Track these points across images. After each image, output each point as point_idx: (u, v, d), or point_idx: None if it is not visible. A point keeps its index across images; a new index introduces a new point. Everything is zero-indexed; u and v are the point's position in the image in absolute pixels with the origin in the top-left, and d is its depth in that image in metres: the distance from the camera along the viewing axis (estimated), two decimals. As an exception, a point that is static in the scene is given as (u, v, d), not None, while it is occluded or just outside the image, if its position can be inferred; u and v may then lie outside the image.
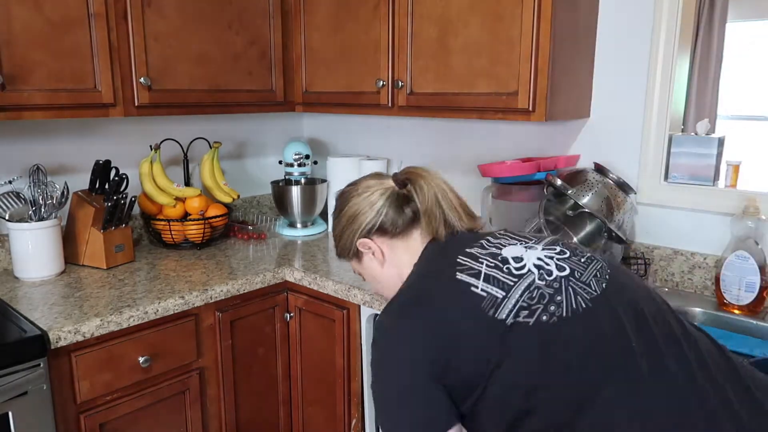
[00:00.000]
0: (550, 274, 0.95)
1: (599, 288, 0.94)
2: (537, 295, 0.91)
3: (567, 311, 0.90)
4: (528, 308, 0.90)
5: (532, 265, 0.97)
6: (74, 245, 1.86)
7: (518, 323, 0.89)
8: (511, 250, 1.00)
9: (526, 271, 0.95)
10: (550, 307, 0.90)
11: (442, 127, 2.21)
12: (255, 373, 1.85)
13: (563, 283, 0.93)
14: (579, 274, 0.96)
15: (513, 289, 0.92)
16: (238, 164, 2.47)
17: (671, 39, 1.65)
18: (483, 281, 0.94)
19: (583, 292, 0.93)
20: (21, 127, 1.87)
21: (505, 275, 0.95)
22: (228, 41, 1.97)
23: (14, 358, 1.30)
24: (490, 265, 0.97)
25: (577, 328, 0.89)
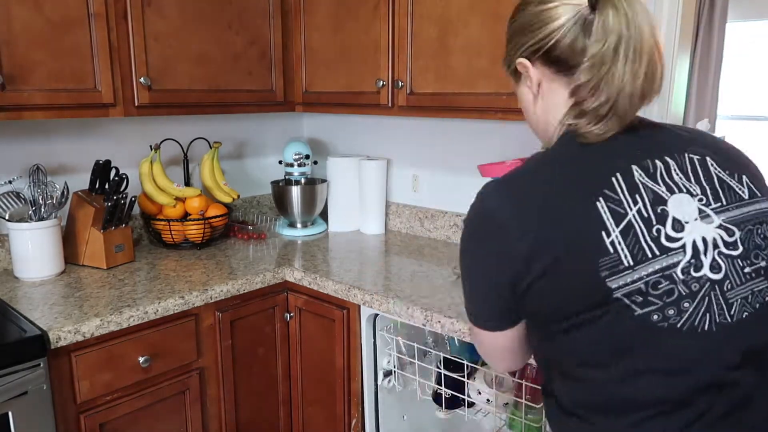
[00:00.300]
0: (698, 268, 0.75)
1: (738, 315, 0.76)
2: (664, 289, 0.74)
3: (684, 323, 0.74)
4: (644, 296, 0.74)
5: (691, 243, 0.76)
6: (74, 245, 1.86)
7: (624, 303, 0.74)
8: (682, 206, 0.78)
9: (677, 248, 0.75)
10: (669, 310, 0.74)
11: (442, 127, 2.21)
12: (255, 373, 1.85)
13: (705, 289, 0.75)
14: (730, 287, 0.76)
15: (646, 263, 0.74)
16: (238, 164, 2.47)
17: (671, 39, 1.65)
18: (620, 232, 0.75)
19: (717, 311, 0.75)
20: (21, 127, 1.87)
21: (649, 240, 0.75)
22: (228, 41, 1.97)
23: (14, 358, 1.30)
24: (643, 215, 0.76)
25: (683, 346, 0.75)
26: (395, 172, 2.38)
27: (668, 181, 0.79)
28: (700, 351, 0.75)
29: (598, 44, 0.79)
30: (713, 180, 0.81)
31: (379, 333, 1.73)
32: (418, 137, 2.29)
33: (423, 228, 2.29)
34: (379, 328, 1.73)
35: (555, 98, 0.88)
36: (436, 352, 1.67)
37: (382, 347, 1.74)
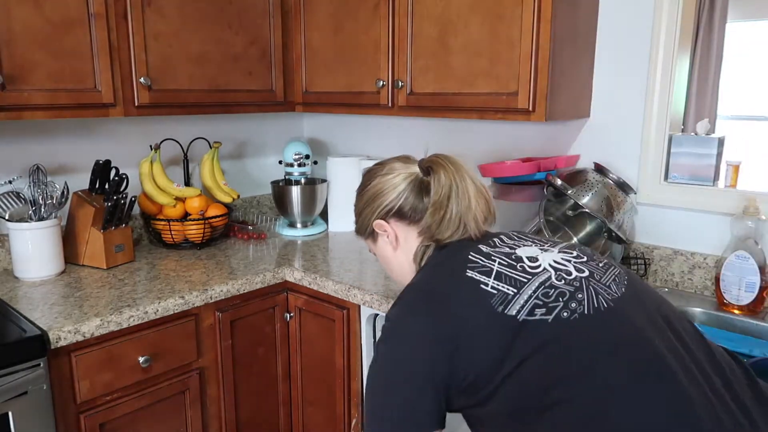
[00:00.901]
0: (569, 273, 0.94)
1: (619, 291, 0.93)
2: (555, 294, 0.90)
3: (589, 309, 0.88)
4: (545, 306, 0.88)
5: (547, 264, 0.95)
6: (74, 245, 1.86)
7: (533, 321, 0.87)
8: (526, 251, 0.99)
9: (541, 270, 0.94)
10: (571, 304, 0.88)
11: (442, 127, 2.21)
12: (255, 373, 1.85)
13: (584, 282, 0.92)
14: (599, 276, 0.95)
15: (525, 285, 0.91)
16: (238, 164, 2.47)
17: (671, 39, 1.65)
18: (494, 279, 0.92)
19: (605, 293, 0.91)
20: (21, 127, 1.87)
21: (517, 273, 0.93)
22: (228, 41, 1.97)
23: (14, 358, 1.30)
24: (503, 263, 0.95)
25: (600, 325, 0.87)
26: (395, 172, 2.38)
27: (508, 243, 1.02)
28: (617, 323, 0.88)
29: (436, 195, 1.05)
30: (533, 238, 1.07)
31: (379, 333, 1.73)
32: (418, 137, 2.29)
33: (423, 228, 2.29)
34: (379, 328, 1.73)
35: (410, 243, 1.11)
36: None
37: (382, 347, 1.74)
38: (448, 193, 1.04)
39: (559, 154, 1.91)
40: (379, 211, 1.12)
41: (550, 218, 1.77)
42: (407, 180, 1.10)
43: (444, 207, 1.04)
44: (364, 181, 1.17)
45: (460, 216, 1.04)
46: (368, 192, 1.14)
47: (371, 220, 1.13)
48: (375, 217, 1.13)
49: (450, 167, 1.07)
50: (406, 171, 1.11)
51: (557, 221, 1.80)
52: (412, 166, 1.13)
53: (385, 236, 1.13)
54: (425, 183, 1.09)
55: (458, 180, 1.05)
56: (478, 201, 1.06)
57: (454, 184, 1.05)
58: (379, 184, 1.12)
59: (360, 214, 1.17)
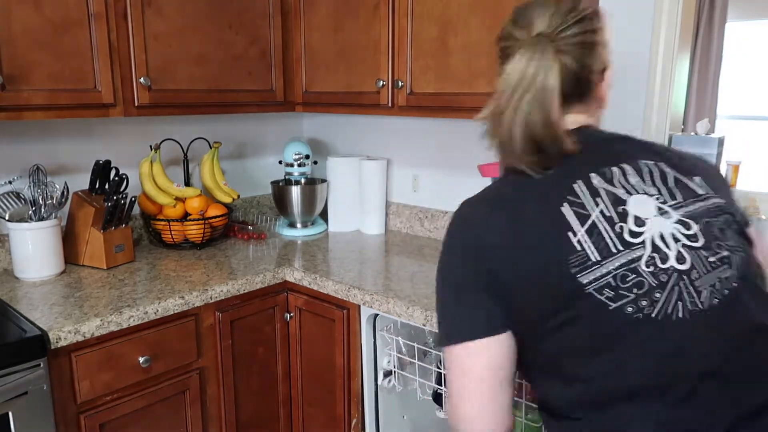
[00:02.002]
0: (665, 260, 0.79)
1: (709, 302, 0.79)
2: (633, 281, 0.78)
3: (659, 313, 0.77)
4: (615, 290, 0.78)
5: (650, 237, 0.80)
6: (74, 245, 1.86)
7: (596, 300, 0.78)
8: (641, 205, 0.82)
9: (638, 243, 0.80)
10: (642, 301, 0.77)
11: (442, 127, 2.21)
12: (255, 372, 1.85)
13: (673, 279, 0.78)
14: (697, 275, 0.79)
15: (612, 258, 0.79)
16: (238, 164, 2.47)
17: (671, 39, 1.65)
18: (585, 231, 0.80)
19: (688, 299, 0.78)
20: (21, 127, 1.87)
21: (613, 236, 0.80)
22: (228, 41, 1.97)
23: (14, 358, 1.30)
24: (605, 214, 0.81)
25: (661, 334, 0.77)
26: (395, 172, 2.38)
27: (626, 185, 0.84)
28: (678, 338, 0.77)
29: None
30: (667, 181, 0.86)
31: (379, 333, 1.73)
32: (418, 137, 2.29)
33: (423, 228, 2.29)
34: (379, 328, 1.73)
35: None
36: (436, 352, 1.67)
37: (382, 347, 1.74)
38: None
39: (559, 154, 1.91)
40: None
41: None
42: None
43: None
44: None
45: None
46: None
47: None
48: None
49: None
50: None
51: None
52: None
53: None
54: None
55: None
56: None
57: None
58: None
59: None
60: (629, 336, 0.78)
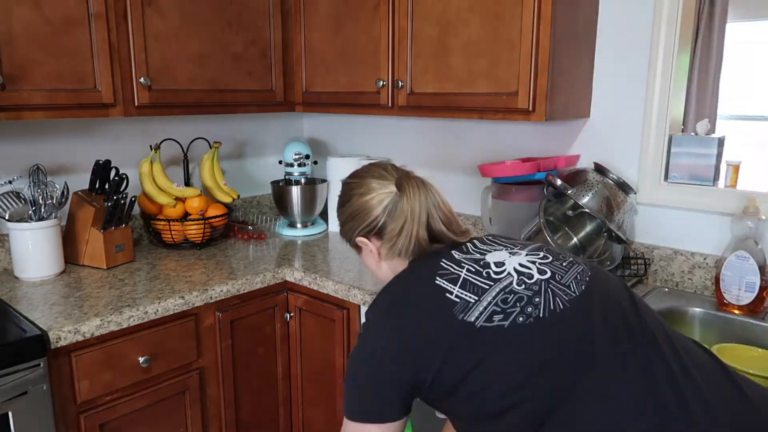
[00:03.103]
0: (530, 277, 0.97)
1: (578, 289, 0.96)
2: (513, 299, 0.93)
3: (544, 312, 0.92)
4: (503, 312, 0.92)
5: (512, 269, 0.99)
6: (74, 245, 1.86)
7: (491, 327, 0.91)
8: (495, 256, 1.03)
9: (505, 275, 0.98)
10: (527, 309, 0.92)
11: (442, 127, 2.21)
12: (255, 373, 1.85)
13: (543, 285, 0.96)
14: (560, 277, 0.98)
15: (486, 292, 0.95)
16: (238, 164, 2.47)
17: (671, 39, 1.65)
18: (459, 287, 0.96)
19: (562, 294, 0.95)
20: (21, 127, 1.87)
21: (482, 280, 0.97)
22: (228, 41, 1.97)
23: (14, 358, 1.30)
24: (470, 270, 1.00)
25: (553, 327, 0.91)
26: (395, 172, 2.38)
27: (479, 249, 1.06)
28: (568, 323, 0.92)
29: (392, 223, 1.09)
30: (505, 241, 1.10)
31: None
32: (418, 137, 2.29)
33: (423, 228, 2.29)
34: (379, 328, 1.72)
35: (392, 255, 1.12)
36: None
37: (382, 347, 1.74)
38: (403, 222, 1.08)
39: (559, 154, 1.91)
40: (360, 230, 1.14)
41: (550, 218, 1.77)
42: (384, 202, 1.10)
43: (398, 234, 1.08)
44: (343, 195, 1.19)
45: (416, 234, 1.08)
46: (347, 210, 1.16)
47: (353, 235, 1.16)
48: (357, 234, 1.15)
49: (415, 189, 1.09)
50: (384, 191, 1.11)
51: (557, 221, 1.80)
52: (388, 184, 1.12)
53: (368, 250, 1.16)
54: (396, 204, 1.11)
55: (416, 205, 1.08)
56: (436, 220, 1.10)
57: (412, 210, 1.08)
58: (356, 203, 1.13)
59: (343, 226, 1.20)
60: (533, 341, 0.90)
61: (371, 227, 1.12)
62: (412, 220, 1.08)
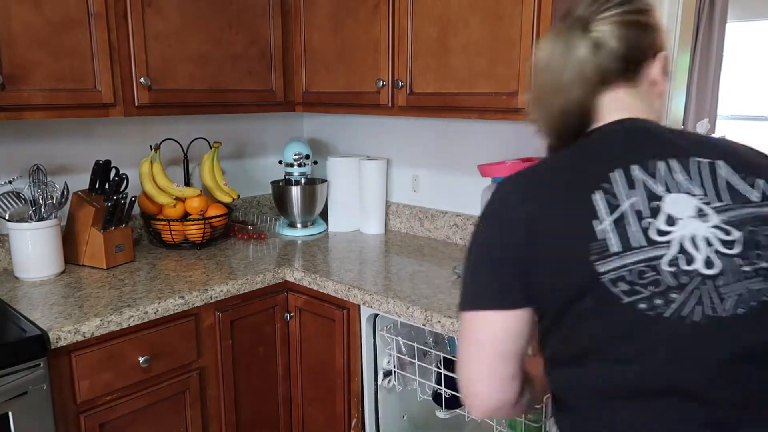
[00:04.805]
0: (689, 262, 0.75)
1: (732, 310, 0.74)
2: (650, 279, 0.75)
3: (673, 314, 0.74)
4: (631, 284, 0.75)
5: (678, 238, 0.76)
6: (74, 245, 1.86)
7: (610, 292, 0.76)
8: (678, 203, 0.78)
9: (664, 242, 0.76)
10: (656, 300, 0.74)
11: (442, 127, 2.21)
12: (255, 372, 1.85)
13: (695, 283, 0.75)
14: (724, 282, 0.74)
15: (633, 252, 0.76)
16: (238, 164, 2.47)
17: (671, 39, 1.65)
18: (612, 221, 0.77)
19: (708, 305, 0.74)
20: (21, 127, 1.87)
21: (639, 231, 0.77)
22: (228, 41, 1.97)
23: (14, 358, 1.30)
24: (636, 207, 0.78)
25: (670, 335, 0.75)
26: (395, 172, 2.38)
27: (668, 181, 0.80)
28: (689, 342, 0.75)
29: None
30: (718, 182, 0.80)
31: (379, 333, 1.73)
32: (418, 137, 2.29)
33: (423, 228, 2.29)
34: (379, 328, 1.73)
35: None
36: (436, 352, 1.67)
37: (382, 347, 1.74)
38: None
39: (559, 154, 1.91)
40: None
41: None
42: None
43: None
44: None
45: None
46: None
47: None
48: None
49: None
50: None
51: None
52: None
53: None
54: None
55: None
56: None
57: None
58: None
59: None
60: (637, 333, 0.76)
61: None
62: None
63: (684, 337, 0.74)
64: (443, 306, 1.52)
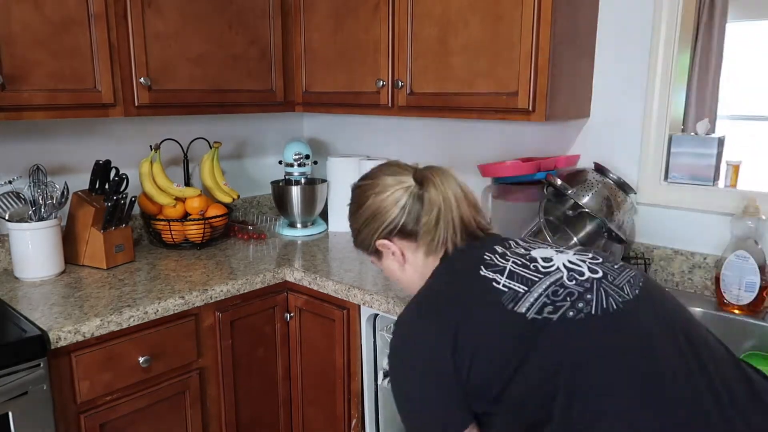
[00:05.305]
0: (581, 274, 0.93)
1: (632, 293, 0.91)
2: (564, 293, 0.89)
3: (597, 309, 0.87)
4: (553, 304, 0.88)
5: (561, 264, 0.95)
6: (74, 245, 1.86)
7: (541, 319, 0.87)
8: (541, 252, 0.99)
9: (554, 269, 0.94)
10: (578, 304, 0.88)
11: (442, 127, 2.21)
12: (255, 373, 1.85)
13: (595, 284, 0.91)
14: (612, 278, 0.93)
15: (536, 284, 0.91)
16: (238, 164, 2.47)
17: (671, 39, 1.65)
18: (506, 277, 0.92)
19: (616, 295, 0.90)
20: (21, 127, 1.87)
21: (530, 272, 0.93)
22: (228, 41, 1.97)
23: (14, 358, 1.30)
24: (516, 263, 0.95)
25: (605, 326, 0.87)
26: (395, 172, 2.38)
27: (523, 246, 1.02)
28: (621, 325, 0.87)
29: (426, 216, 1.04)
30: (549, 243, 1.05)
31: (379, 333, 1.73)
32: (418, 137, 2.29)
33: (423, 228, 2.29)
34: (379, 328, 1.73)
35: (417, 258, 1.09)
36: (436, 352, 1.67)
37: (382, 347, 1.74)
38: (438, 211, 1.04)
39: (559, 154, 1.91)
40: (380, 232, 1.08)
41: (550, 218, 1.77)
42: (404, 196, 1.06)
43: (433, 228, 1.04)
44: (356, 199, 1.13)
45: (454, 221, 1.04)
46: (364, 213, 1.09)
47: (373, 239, 1.10)
48: (377, 237, 1.09)
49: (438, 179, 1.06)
50: (401, 186, 1.06)
51: (557, 221, 1.80)
52: (404, 178, 1.08)
53: (390, 254, 1.10)
54: (420, 195, 1.06)
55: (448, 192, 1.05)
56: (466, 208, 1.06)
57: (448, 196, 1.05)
58: (374, 204, 1.07)
59: (359, 233, 1.13)
60: (582, 337, 0.85)
61: (392, 227, 1.06)
62: (447, 207, 1.03)
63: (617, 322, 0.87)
64: (443, 306, 1.52)
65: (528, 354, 0.85)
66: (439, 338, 0.91)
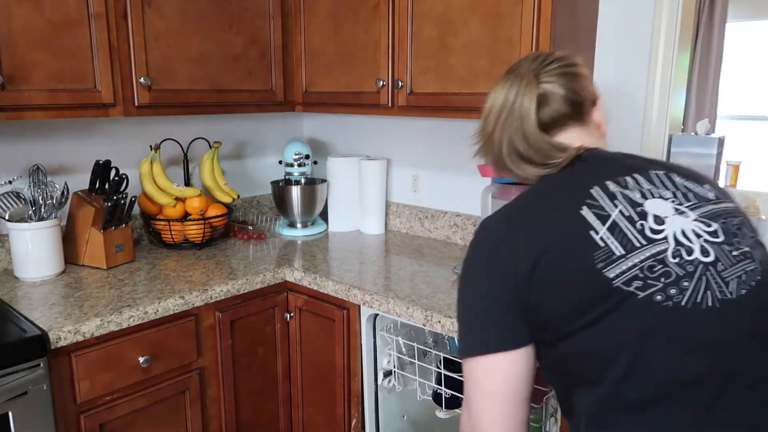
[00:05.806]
0: (690, 252, 0.80)
1: (737, 292, 0.80)
2: (660, 271, 0.79)
3: (688, 301, 0.78)
4: (643, 280, 0.78)
5: (672, 234, 0.82)
6: (74, 245, 1.86)
7: (625, 291, 0.78)
8: (658, 206, 0.84)
9: (661, 238, 0.81)
10: (670, 290, 0.78)
11: (442, 127, 2.21)
12: (255, 373, 1.85)
13: (699, 269, 0.80)
14: (722, 267, 0.81)
15: (636, 252, 0.80)
16: (238, 164, 2.47)
17: (671, 39, 1.65)
18: (607, 229, 0.82)
19: (717, 289, 0.79)
20: (21, 127, 1.87)
21: (635, 233, 0.82)
22: (228, 41, 1.97)
23: (14, 358, 1.30)
24: (624, 213, 0.83)
25: (691, 323, 0.78)
26: (395, 172, 2.38)
27: (641, 189, 0.87)
28: (708, 329, 0.78)
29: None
30: (679, 187, 0.88)
31: (379, 333, 1.73)
32: (418, 137, 2.29)
33: (423, 228, 2.29)
34: (379, 328, 1.73)
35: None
36: (436, 352, 1.67)
37: (382, 347, 1.74)
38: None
39: (559, 154, 1.91)
40: None
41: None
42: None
43: None
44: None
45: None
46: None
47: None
48: None
49: None
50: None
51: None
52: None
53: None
54: None
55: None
56: None
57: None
58: None
59: None
60: (657, 325, 0.78)
61: None
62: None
63: (703, 325, 0.78)
64: (443, 306, 1.52)
65: (602, 318, 0.79)
66: (522, 247, 0.84)
